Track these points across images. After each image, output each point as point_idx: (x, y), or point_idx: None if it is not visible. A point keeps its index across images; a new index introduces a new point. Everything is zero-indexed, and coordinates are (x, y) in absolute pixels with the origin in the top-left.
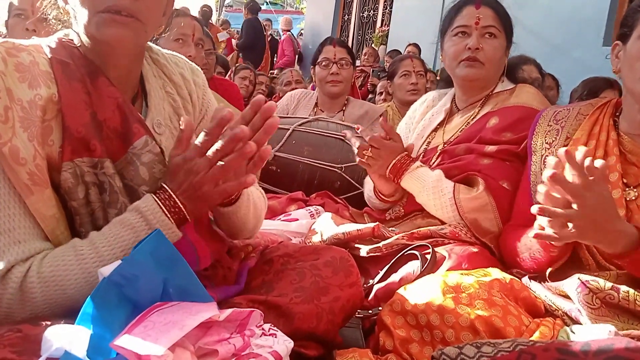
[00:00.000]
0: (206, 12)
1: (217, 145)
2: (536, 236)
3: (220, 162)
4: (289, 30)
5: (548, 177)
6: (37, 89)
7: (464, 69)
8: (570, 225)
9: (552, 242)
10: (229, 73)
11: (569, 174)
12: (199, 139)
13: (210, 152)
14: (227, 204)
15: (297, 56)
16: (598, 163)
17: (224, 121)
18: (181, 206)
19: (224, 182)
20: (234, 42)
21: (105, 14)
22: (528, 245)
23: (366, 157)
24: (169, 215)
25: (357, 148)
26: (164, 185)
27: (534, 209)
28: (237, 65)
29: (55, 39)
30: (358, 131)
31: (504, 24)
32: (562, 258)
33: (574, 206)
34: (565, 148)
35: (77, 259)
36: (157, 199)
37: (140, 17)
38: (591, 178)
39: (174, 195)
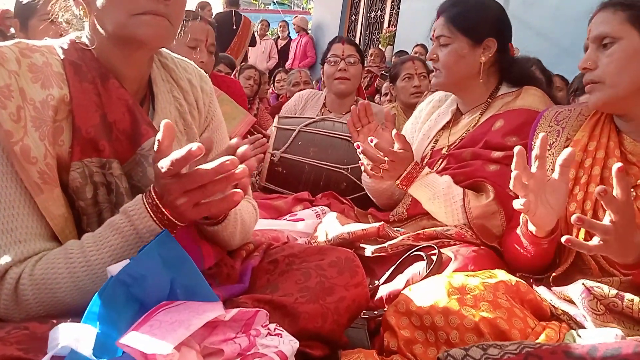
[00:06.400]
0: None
1: (197, 175)
2: (567, 241)
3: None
4: (305, 31)
5: (599, 192)
6: (49, 90)
7: (432, 78)
8: (598, 238)
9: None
10: (233, 72)
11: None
12: (166, 162)
13: (186, 181)
14: (213, 223)
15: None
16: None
17: (191, 156)
18: (166, 213)
19: (207, 200)
20: None
21: (143, 15)
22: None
23: (381, 170)
24: (156, 220)
25: (373, 162)
26: (152, 189)
27: (573, 218)
28: (242, 64)
29: (68, 40)
30: (372, 144)
31: (458, 26)
32: (551, 255)
33: (610, 220)
34: (620, 164)
35: (65, 263)
36: (145, 202)
37: (170, 19)
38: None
39: (159, 203)
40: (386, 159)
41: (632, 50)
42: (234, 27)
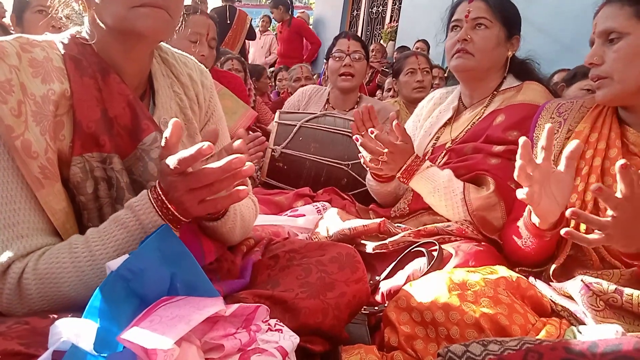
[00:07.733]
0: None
1: (203, 174)
2: (566, 234)
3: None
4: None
5: (594, 190)
6: (50, 84)
7: (454, 60)
8: (600, 232)
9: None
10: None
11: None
12: (173, 160)
13: (193, 180)
14: (212, 219)
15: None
16: None
17: (200, 155)
18: (171, 208)
19: (211, 197)
20: None
21: (141, 8)
22: (524, 236)
23: (380, 162)
24: (161, 215)
25: (372, 154)
26: (157, 184)
27: (568, 212)
28: (221, 59)
29: (68, 35)
30: (373, 135)
31: (499, 14)
32: (553, 249)
33: (610, 215)
34: (623, 161)
35: (70, 257)
36: (150, 198)
37: (169, 12)
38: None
39: (165, 199)
40: (386, 150)
41: (639, 46)
42: (228, 22)
